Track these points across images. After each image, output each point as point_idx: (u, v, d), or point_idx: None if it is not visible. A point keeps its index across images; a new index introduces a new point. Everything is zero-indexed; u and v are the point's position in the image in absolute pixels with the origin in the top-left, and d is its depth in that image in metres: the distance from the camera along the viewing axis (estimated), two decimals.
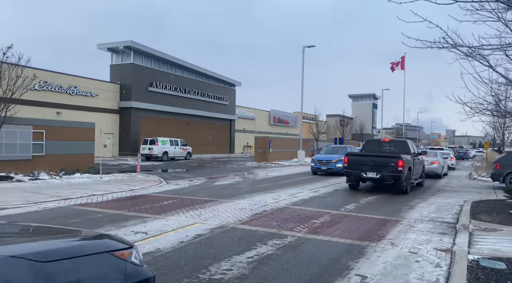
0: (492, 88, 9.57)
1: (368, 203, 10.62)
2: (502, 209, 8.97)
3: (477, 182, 17.97)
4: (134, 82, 34.28)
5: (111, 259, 2.09)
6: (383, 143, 15.04)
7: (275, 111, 60.42)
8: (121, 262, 2.12)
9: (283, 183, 15.13)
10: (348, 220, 7.98)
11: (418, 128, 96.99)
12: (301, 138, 33.08)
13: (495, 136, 24.08)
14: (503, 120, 18.05)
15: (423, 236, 6.74)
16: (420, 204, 10.62)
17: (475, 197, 12.25)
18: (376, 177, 12.73)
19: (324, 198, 11.23)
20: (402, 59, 61.21)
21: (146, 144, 31.17)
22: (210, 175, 18.29)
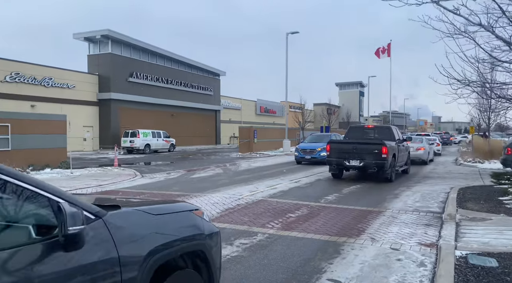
0: (479, 68, 9.02)
1: (351, 192, 10.07)
2: (490, 196, 8.49)
3: (463, 168, 17.64)
4: (113, 72, 33.06)
5: (193, 215, 2.79)
6: (367, 130, 14.49)
7: (261, 101, 59.64)
8: (198, 218, 2.82)
9: (264, 174, 14.50)
10: (327, 213, 7.39)
11: (404, 115, 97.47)
12: (286, 127, 32.46)
13: (480, 121, 23.76)
14: (489, 102, 17.65)
15: (407, 228, 6.18)
16: (405, 192, 10.10)
17: (462, 184, 11.81)
18: (360, 165, 12.18)
19: (305, 189, 10.63)
20: (388, 46, 60.82)
21: (127, 137, 30.19)
22: (191, 168, 17.57)
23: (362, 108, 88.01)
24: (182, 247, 2.54)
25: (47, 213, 1.90)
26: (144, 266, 2.19)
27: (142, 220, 2.37)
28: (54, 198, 1.89)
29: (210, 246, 2.79)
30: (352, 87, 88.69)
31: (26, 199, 1.87)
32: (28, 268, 1.71)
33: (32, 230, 1.84)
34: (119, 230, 2.15)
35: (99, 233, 2.03)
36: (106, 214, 2.16)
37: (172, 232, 2.50)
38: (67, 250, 1.84)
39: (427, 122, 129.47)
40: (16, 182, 1.81)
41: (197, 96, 43.20)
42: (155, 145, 31.37)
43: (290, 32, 30.24)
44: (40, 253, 1.77)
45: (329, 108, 75.74)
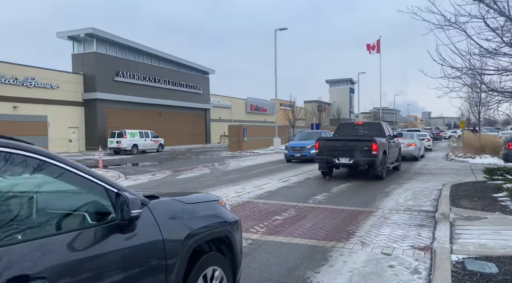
0: (470, 61, 8.72)
1: (340, 191, 9.71)
2: (483, 193, 8.20)
3: (455, 163, 17.45)
4: (98, 72, 32.28)
5: (218, 205, 3.08)
6: (356, 126, 14.17)
7: (251, 99, 59.18)
8: (222, 207, 3.09)
9: (252, 174, 14.10)
10: (315, 214, 7.01)
11: (395, 111, 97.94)
12: (276, 125, 32.08)
13: (470, 115, 23.67)
14: (479, 95, 17.47)
15: (399, 230, 5.83)
16: (396, 190, 9.79)
17: (454, 180, 11.55)
18: (349, 163, 11.85)
19: (293, 189, 10.25)
20: (378, 43, 60.88)
21: (114, 137, 29.54)
22: (177, 168, 17.08)
23: (353, 104, 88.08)
24: (212, 233, 2.82)
25: (103, 201, 2.15)
26: (182, 248, 2.43)
27: (178, 208, 2.65)
28: (111, 188, 2.15)
29: (233, 233, 3.07)
30: (343, 84, 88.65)
31: (86, 189, 2.13)
32: (94, 248, 1.96)
33: (89, 216, 2.10)
34: (161, 216, 2.41)
35: (146, 218, 2.27)
36: (150, 202, 2.40)
37: (203, 219, 2.78)
38: (123, 232, 2.11)
39: (417, 118, 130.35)
40: (80, 173, 2.05)
41: (186, 94, 42.58)
42: (143, 145, 30.77)
43: (278, 28, 29.85)
44: (102, 235, 2.03)
45: (319, 105, 75.59)
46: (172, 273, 2.35)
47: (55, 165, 1.97)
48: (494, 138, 21.56)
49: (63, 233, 1.94)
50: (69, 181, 2.06)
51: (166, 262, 2.33)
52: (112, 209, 2.13)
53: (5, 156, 1.80)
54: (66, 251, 1.86)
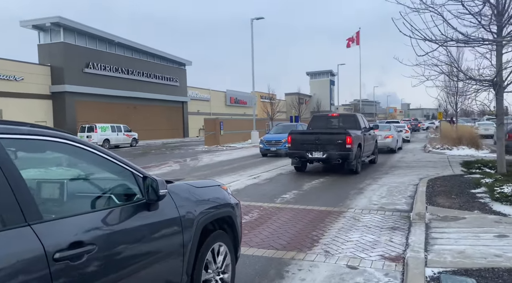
0: (447, 47, 8.16)
1: (312, 188, 9.07)
2: (461, 188, 7.69)
3: (432, 155, 17.13)
4: (66, 63, 30.68)
5: (221, 189, 3.45)
6: (331, 119, 13.57)
7: (231, 91, 58.13)
8: (224, 191, 3.48)
9: (224, 169, 13.34)
10: (280, 217, 6.32)
11: (374, 103, 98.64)
12: (254, 117, 31.32)
13: (447, 106, 23.49)
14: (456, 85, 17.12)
15: (369, 235, 5.19)
16: (371, 186, 9.21)
17: (431, 173, 11.10)
18: (323, 157, 11.23)
19: (262, 186, 9.55)
20: (357, 34, 60.56)
21: (84, 132, 28.19)
22: (146, 164, 16.14)
23: (333, 96, 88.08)
24: (217, 213, 3.15)
25: (129, 185, 2.53)
26: (195, 224, 2.79)
27: (190, 191, 2.98)
28: (137, 173, 2.52)
29: (235, 213, 3.43)
30: (323, 76, 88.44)
31: (116, 173, 2.51)
32: (128, 222, 2.33)
33: (122, 196, 2.51)
34: (177, 196, 2.76)
35: (166, 199, 2.57)
36: (168, 185, 2.63)
37: (210, 201, 3.11)
38: (149, 209, 2.48)
39: (397, 110, 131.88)
40: (110, 159, 2.42)
41: (162, 87, 41.26)
42: (115, 140, 29.54)
43: (255, 17, 28.94)
44: (134, 211, 2.40)
45: (300, 98, 75.18)
46: (187, 246, 2.71)
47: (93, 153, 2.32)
48: (471, 129, 21.41)
49: (104, 209, 2.30)
50: (105, 167, 2.45)
51: (183, 236, 2.68)
52: (138, 190, 2.47)
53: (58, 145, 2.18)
54: (108, 224, 2.20)
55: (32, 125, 2.11)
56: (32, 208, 1.86)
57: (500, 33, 7.82)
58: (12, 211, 1.78)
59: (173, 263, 2.61)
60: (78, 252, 1.92)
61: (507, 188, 6.26)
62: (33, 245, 1.77)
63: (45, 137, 2.08)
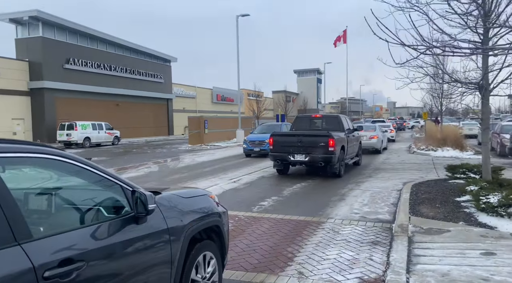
0: (433, 51, 7.83)
1: (292, 194, 8.68)
2: (445, 196, 7.40)
3: (417, 156, 16.97)
4: (46, 58, 29.62)
5: (209, 198, 3.47)
6: (314, 120, 13.23)
7: (218, 89, 57.45)
8: (212, 200, 3.48)
9: (204, 172, 12.87)
10: (255, 229, 5.90)
11: (361, 101, 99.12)
12: (239, 116, 30.82)
13: (432, 106, 23.40)
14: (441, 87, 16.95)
15: (348, 251, 4.82)
16: (353, 191, 8.88)
17: (415, 176, 10.85)
18: (305, 160, 10.88)
19: (241, 192, 9.12)
20: (344, 33, 60.41)
21: (63, 130, 27.40)
22: (124, 165, 15.57)
23: (320, 95, 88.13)
24: (205, 222, 3.21)
25: (118, 198, 2.52)
26: (183, 235, 2.85)
27: (178, 201, 3.02)
28: (126, 186, 2.52)
29: (223, 223, 3.46)
30: (310, 74, 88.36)
31: (104, 187, 2.49)
32: (117, 236, 2.34)
33: (111, 210, 2.50)
34: (165, 208, 2.79)
35: (154, 211, 2.56)
36: (156, 197, 2.67)
37: (199, 211, 3.18)
38: (138, 223, 2.48)
39: (383, 108, 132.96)
40: (99, 173, 2.42)
41: (146, 83, 40.39)
42: (96, 138, 28.75)
43: (240, 14, 28.40)
44: (122, 225, 2.41)
45: (287, 96, 74.94)
46: (176, 256, 2.73)
47: (81, 168, 2.34)
48: (456, 130, 21.38)
49: (92, 224, 2.31)
50: (93, 181, 2.46)
51: (171, 247, 2.70)
52: (127, 203, 2.48)
53: (42, 161, 2.19)
54: (97, 239, 2.23)
55: (18, 141, 2.14)
56: (22, 227, 1.87)
57: (486, 34, 7.53)
58: (2, 230, 1.78)
59: (161, 274, 2.65)
60: (68, 270, 1.94)
61: (493, 197, 5.96)
62: (23, 265, 1.78)
63: (33, 153, 2.11)
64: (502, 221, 5.51)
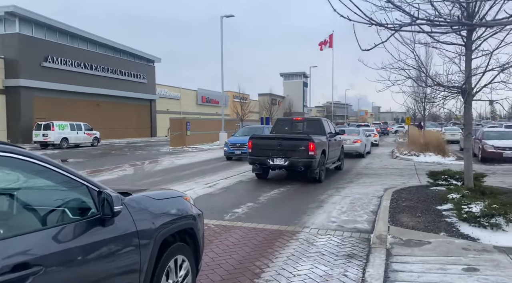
0: (414, 50, 7.58)
1: (269, 200, 8.28)
2: (427, 204, 7.11)
3: (399, 161, 16.82)
4: (22, 56, 28.57)
5: (184, 200, 3.38)
6: (295, 123, 12.90)
7: (203, 90, 56.80)
8: (187, 202, 3.41)
9: (181, 175, 12.37)
10: (223, 239, 5.47)
11: (346, 105, 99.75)
12: (222, 118, 30.35)
13: (415, 111, 23.39)
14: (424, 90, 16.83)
15: (321, 266, 4.43)
16: (333, 197, 8.53)
17: (397, 182, 10.61)
18: (284, 165, 10.50)
19: (215, 197, 8.67)
20: (330, 37, 60.62)
21: (40, 130, 26.40)
22: (99, 167, 14.93)
23: (306, 98, 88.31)
24: (178, 225, 3.11)
25: (84, 199, 2.40)
26: (154, 238, 2.73)
27: (149, 203, 2.89)
28: (92, 187, 2.41)
29: (197, 225, 3.39)
30: (296, 78, 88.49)
31: (70, 187, 2.37)
32: (80, 239, 2.20)
33: (75, 211, 2.38)
34: (135, 210, 2.67)
35: (122, 213, 2.48)
36: (125, 199, 2.65)
37: (172, 213, 3.05)
38: (104, 225, 2.37)
39: (368, 112, 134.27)
40: (64, 173, 2.29)
41: (128, 84, 39.54)
42: (75, 138, 27.83)
43: (225, 15, 28.00)
44: (87, 228, 2.28)
45: (273, 99, 74.75)
46: (145, 260, 2.63)
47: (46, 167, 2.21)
48: (438, 135, 21.39)
49: (53, 226, 2.16)
50: (58, 181, 2.31)
51: (140, 251, 2.59)
52: (93, 205, 2.37)
53: None
54: (58, 241, 2.09)
55: None
56: None
57: (469, 37, 7.31)
58: None
59: (129, 279, 2.54)
60: (22, 275, 1.84)
61: (475, 206, 5.68)
62: None
63: None
64: (484, 233, 5.22)
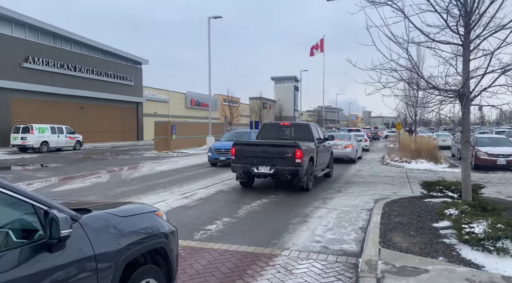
0: (408, 49, 6.90)
1: (249, 214, 7.49)
2: (421, 220, 6.39)
3: (390, 168, 16.18)
4: (0, 56, 27.38)
5: (154, 216, 3.04)
6: (282, 128, 12.17)
7: (192, 93, 55.87)
8: (159, 218, 3.08)
9: (157, 184, 11.52)
10: (187, 266, 4.66)
11: (337, 110, 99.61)
12: (210, 121, 29.51)
13: (406, 116, 22.86)
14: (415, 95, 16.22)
15: None
16: (319, 210, 7.78)
17: (388, 192, 9.94)
18: (270, 173, 9.77)
19: (189, 211, 7.84)
20: (321, 42, 60.20)
21: (18, 133, 25.27)
22: (74, 173, 14.01)
23: (297, 102, 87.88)
24: (147, 245, 2.77)
25: (30, 219, 2.09)
26: (117, 261, 2.41)
27: (111, 222, 2.57)
28: (39, 205, 2.08)
29: (169, 244, 3.05)
30: (287, 82, 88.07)
31: (14, 206, 2.05)
32: (19, 269, 1.87)
33: (14, 234, 2.02)
34: (93, 231, 2.35)
35: (77, 235, 2.20)
36: (82, 217, 2.36)
37: (138, 232, 2.71)
38: (51, 251, 2.04)
39: (358, 117, 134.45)
40: (4, 190, 1.96)
41: (114, 86, 38.49)
42: (56, 142, 26.71)
43: (212, 16, 27.26)
44: (29, 255, 1.95)
45: (264, 102, 74.11)
46: None
47: None
48: (430, 141, 20.87)
49: None
50: (5, 200, 2.02)
51: (98, 279, 2.28)
52: (40, 226, 2.08)
53: None
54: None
55: None
56: None
57: (467, 35, 6.66)
58: None
59: None
60: None
61: (477, 226, 4.98)
62: None
63: None
64: (490, 258, 4.50)
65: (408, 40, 6.69)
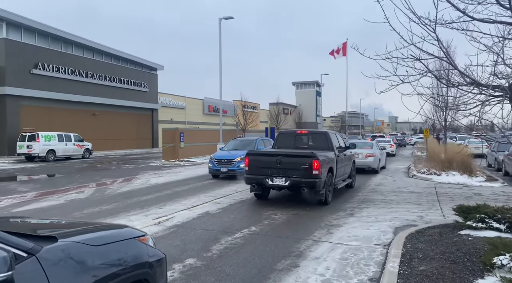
0: (436, 33, 5.03)
1: (223, 253, 5.74)
2: (458, 271, 4.47)
3: (416, 181, 14.06)
4: (9, 62, 27.00)
5: (136, 243, 2.68)
6: (299, 136, 10.83)
7: (210, 99, 54.81)
8: (143, 245, 2.73)
9: (138, 202, 9.97)
10: None
11: (361, 115, 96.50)
12: (220, 128, 28.02)
13: (435, 120, 20.51)
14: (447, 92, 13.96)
15: None
16: (318, 246, 5.94)
17: (413, 216, 8.03)
18: (285, 185, 8.68)
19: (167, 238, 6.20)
20: (344, 45, 57.97)
21: (24, 141, 24.65)
22: (59, 187, 12.76)
23: (319, 108, 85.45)
24: (125, 278, 2.43)
25: None
26: None
27: (81, 253, 2.23)
28: None
29: (154, 274, 2.71)
30: (309, 87, 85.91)
31: None
32: None
33: None
34: (54, 266, 2.03)
35: (30, 273, 1.91)
36: (41, 250, 2.05)
37: (114, 264, 2.39)
38: None
39: (384, 123, 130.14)
40: None
41: (128, 92, 37.78)
42: (63, 150, 25.93)
43: (223, 17, 25.88)
44: None
45: (285, 108, 72.26)
46: None
47: None
48: (462, 149, 18.46)
49: None
50: None
51: None
52: None
53: None
54: None
55: None
56: None
57: None
58: None
59: None
60: None
61: None
62: None
63: None
64: None
65: (436, 19, 4.85)
